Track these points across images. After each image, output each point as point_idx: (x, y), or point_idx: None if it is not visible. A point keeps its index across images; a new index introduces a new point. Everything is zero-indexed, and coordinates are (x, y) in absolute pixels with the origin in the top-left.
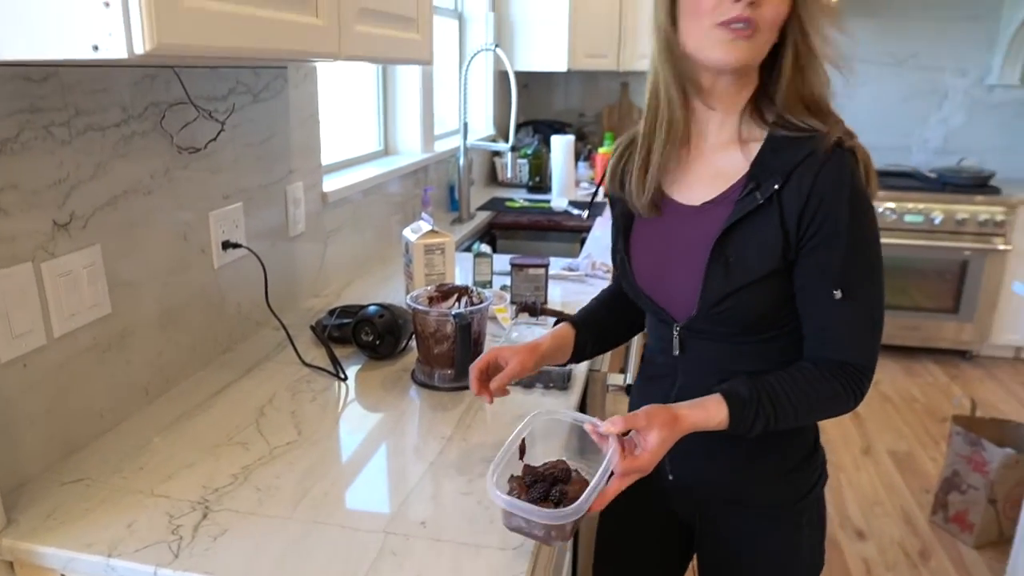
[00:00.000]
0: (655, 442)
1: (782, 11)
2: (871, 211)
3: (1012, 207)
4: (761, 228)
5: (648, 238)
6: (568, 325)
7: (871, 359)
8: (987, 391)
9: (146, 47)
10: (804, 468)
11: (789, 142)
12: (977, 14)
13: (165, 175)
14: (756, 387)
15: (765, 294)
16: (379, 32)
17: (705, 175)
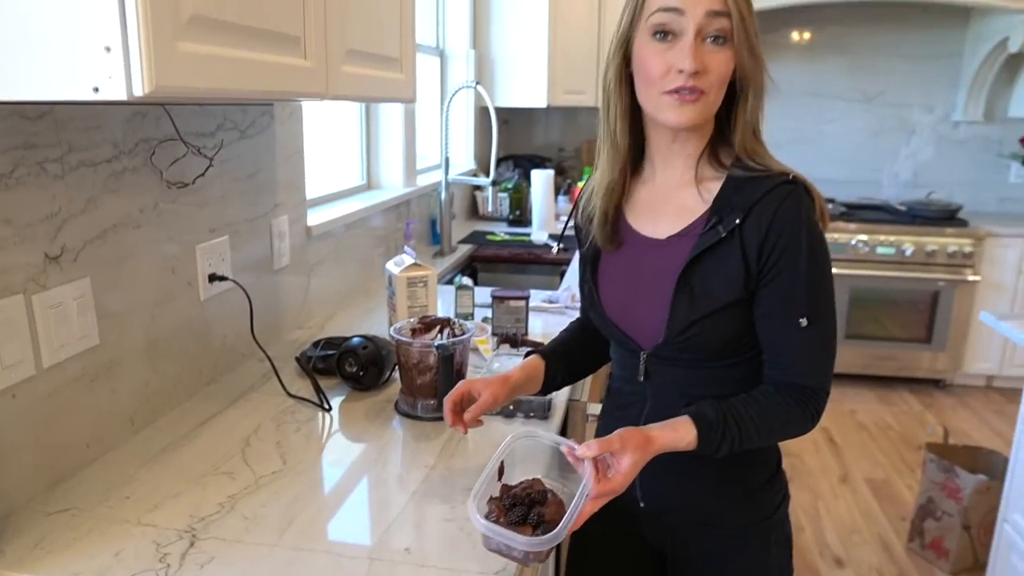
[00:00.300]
0: (628, 464)
1: (727, 70)
2: (824, 244)
3: (980, 239)
4: (723, 260)
5: (615, 270)
6: (538, 357)
7: (826, 383)
8: (960, 419)
9: (145, 89)
10: (769, 488)
11: (748, 181)
12: (942, 54)
13: (154, 209)
14: (722, 410)
15: (728, 322)
16: (365, 72)
17: (669, 211)
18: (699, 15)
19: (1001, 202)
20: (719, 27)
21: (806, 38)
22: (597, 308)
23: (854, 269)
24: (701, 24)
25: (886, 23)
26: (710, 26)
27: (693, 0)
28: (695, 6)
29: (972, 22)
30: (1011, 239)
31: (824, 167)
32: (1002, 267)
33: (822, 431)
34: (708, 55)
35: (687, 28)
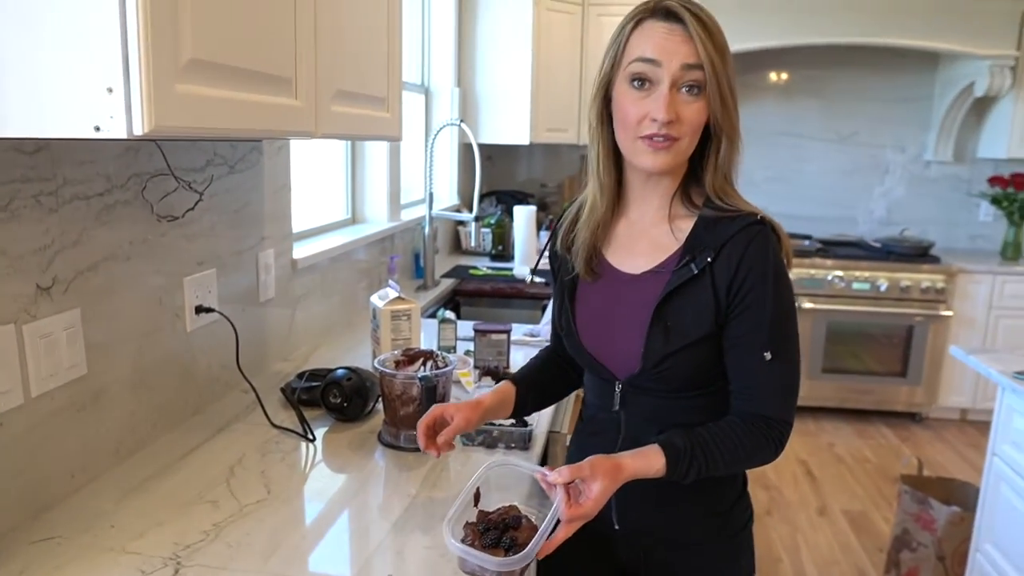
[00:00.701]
0: (598, 491)
1: (700, 119)
2: (789, 282)
3: (952, 275)
4: (695, 296)
5: (591, 301)
6: (509, 383)
7: (790, 414)
8: (936, 452)
9: (145, 129)
10: (736, 508)
11: (718, 220)
12: (912, 96)
13: (144, 242)
14: (690, 438)
15: (699, 355)
16: (352, 112)
17: (644, 247)
18: (674, 67)
19: (972, 239)
20: (693, 78)
21: (783, 79)
22: (573, 338)
23: (831, 304)
24: (676, 75)
25: (859, 67)
26: (684, 77)
27: (669, 53)
28: (671, 58)
29: (941, 67)
30: (982, 275)
31: (801, 205)
32: (974, 303)
33: (800, 464)
34: (682, 105)
35: (663, 78)
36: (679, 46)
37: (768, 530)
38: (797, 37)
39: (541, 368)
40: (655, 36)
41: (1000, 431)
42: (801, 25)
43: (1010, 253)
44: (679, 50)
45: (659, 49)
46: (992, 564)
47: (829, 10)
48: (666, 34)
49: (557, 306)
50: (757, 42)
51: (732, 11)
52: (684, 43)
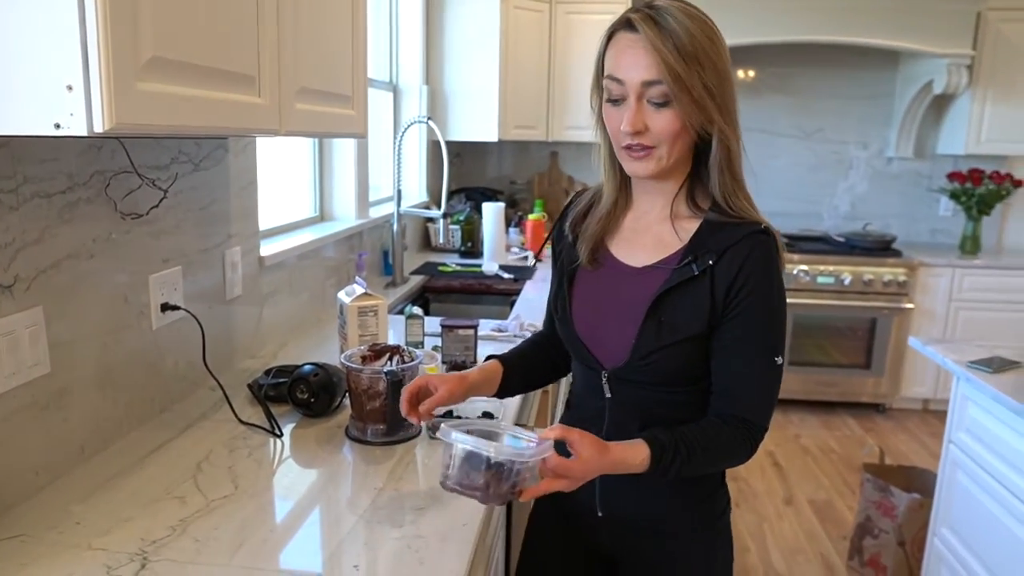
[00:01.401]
0: (587, 456)
1: (672, 127)
2: (784, 293)
3: (913, 269)
4: (692, 295)
5: (590, 289)
6: (496, 361)
7: (768, 419)
8: (899, 441)
9: (105, 126)
10: (715, 496)
11: (723, 225)
12: (874, 94)
13: (108, 240)
14: (675, 436)
15: (687, 352)
16: (317, 109)
17: (647, 243)
18: (636, 84)
19: (932, 233)
20: (657, 92)
21: (751, 76)
22: (567, 323)
23: (797, 298)
24: (639, 92)
25: (823, 65)
26: (648, 92)
27: (630, 69)
28: (631, 77)
29: (901, 65)
30: (942, 268)
31: (768, 200)
32: (934, 295)
33: (767, 455)
34: (650, 116)
35: (628, 94)
36: (640, 60)
37: (736, 520)
38: (763, 35)
39: (529, 352)
40: (620, 52)
41: (956, 419)
42: (767, 23)
43: (969, 247)
44: (639, 64)
45: (621, 67)
46: (948, 547)
47: (794, 9)
48: (628, 47)
49: (555, 290)
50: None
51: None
52: (645, 55)
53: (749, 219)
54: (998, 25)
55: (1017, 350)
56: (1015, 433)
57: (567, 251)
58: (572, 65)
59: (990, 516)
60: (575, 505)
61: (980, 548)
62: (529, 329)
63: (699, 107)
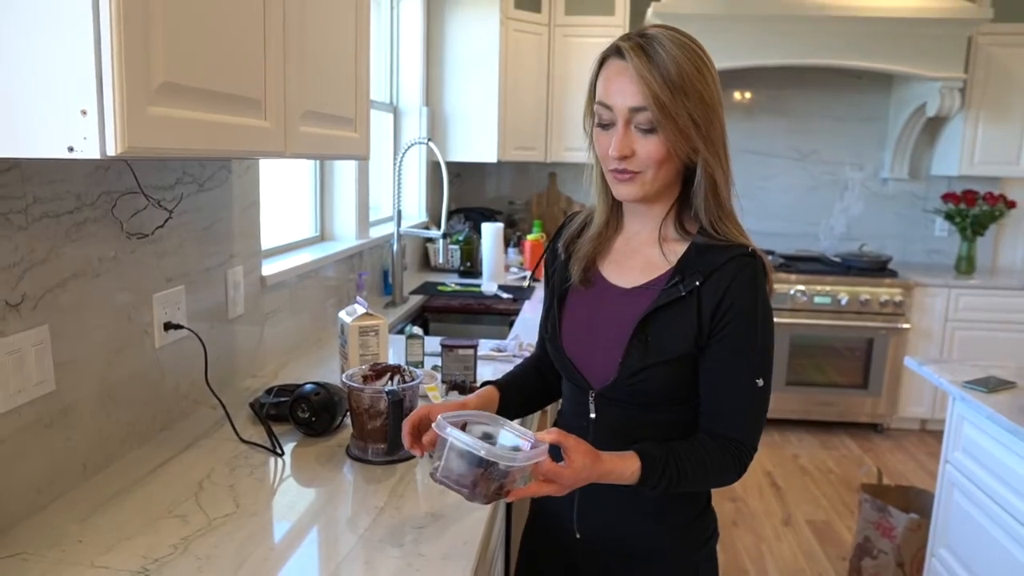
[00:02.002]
0: (579, 464)
1: (657, 153)
2: (771, 314)
3: (909, 289)
4: (679, 316)
5: (580, 309)
6: (493, 387)
7: (757, 439)
8: (897, 461)
9: (118, 150)
10: (698, 523)
11: (710, 248)
12: (869, 116)
13: (113, 259)
14: (666, 451)
15: (673, 372)
16: (321, 132)
17: (636, 264)
18: (623, 111)
19: (928, 254)
20: (643, 119)
21: (747, 98)
22: (556, 343)
23: (794, 318)
24: (626, 117)
25: (818, 87)
26: (635, 118)
27: (618, 96)
28: (619, 102)
29: (895, 88)
30: (938, 289)
31: (764, 221)
32: (931, 315)
33: (766, 475)
34: (637, 142)
35: (616, 119)
36: (627, 87)
37: (734, 541)
38: (760, 58)
39: (525, 375)
40: (609, 79)
41: (952, 439)
42: (764, 47)
43: (964, 267)
44: (627, 91)
45: (610, 93)
46: (946, 567)
47: (790, 33)
48: (616, 74)
49: (545, 310)
50: (722, 63)
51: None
52: (632, 83)
53: (736, 242)
54: (988, 49)
55: (1012, 370)
56: (1010, 453)
57: (559, 271)
58: (570, 87)
59: (987, 536)
60: (556, 528)
61: (977, 568)
62: (528, 349)
63: (684, 136)
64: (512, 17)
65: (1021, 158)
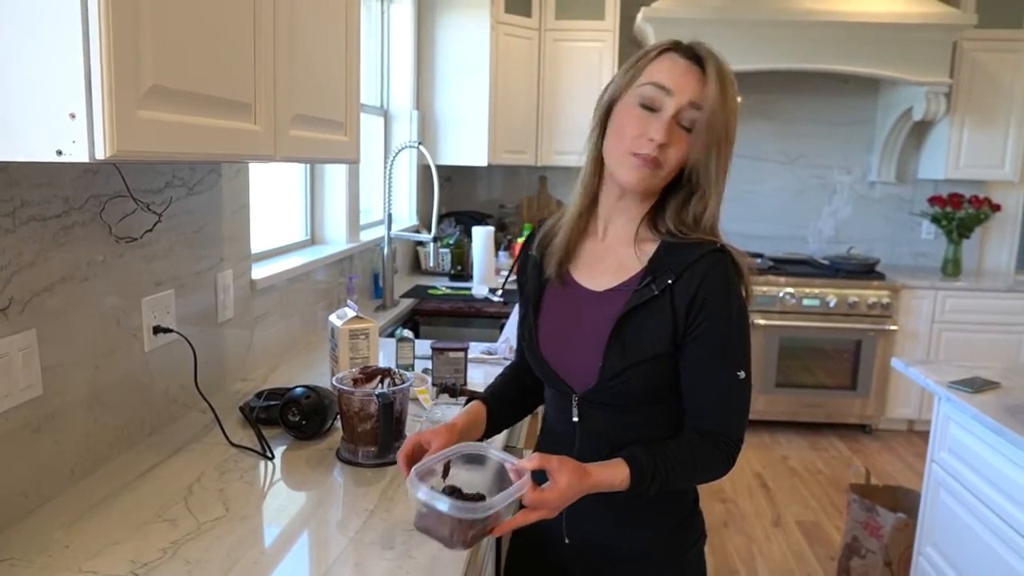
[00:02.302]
0: (564, 485)
1: (683, 156)
2: (745, 308)
3: (896, 291)
4: (654, 315)
5: (555, 315)
6: (479, 403)
7: (742, 431)
8: (885, 462)
9: (107, 153)
10: (686, 526)
11: (681, 246)
12: (856, 120)
13: (102, 263)
14: (653, 453)
15: (652, 372)
16: (311, 136)
17: (609, 266)
18: (683, 100)
19: (915, 257)
20: (692, 116)
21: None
22: (534, 350)
23: (783, 320)
24: (682, 108)
25: (806, 92)
26: (687, 113)
27: (683, 87)
28: (682, 92)
29: (882, 92)
30: (924, 291)
31: (754, 224)
32: (917, 317)
33: (756, 477)
34: (675, 135)
35: (669, 107)
36: (693, 83)
37: (724, 542)
38: (749, 63)
39: (507, 384)
40: (675, 68)
41: (938, 439)
42: (753, 51)
43: (950, 270)
44: (692, 87)
45: (674, 80)
46: (933, 566)
47: (779, 38)
48: (685, 70)
49: (521, 317)
50: None
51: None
52: (698, 82)
53: (707, 239)
54: (973, 55)
55: (997, 371)
56: (995, 452)
57: (533, 278)
58: (561, 91)
59: (972, 534)
60: (544, 532)
61: (963, 566)
62: None
63: (706, 147)
64: (502, 21)
65: (1005, 162)
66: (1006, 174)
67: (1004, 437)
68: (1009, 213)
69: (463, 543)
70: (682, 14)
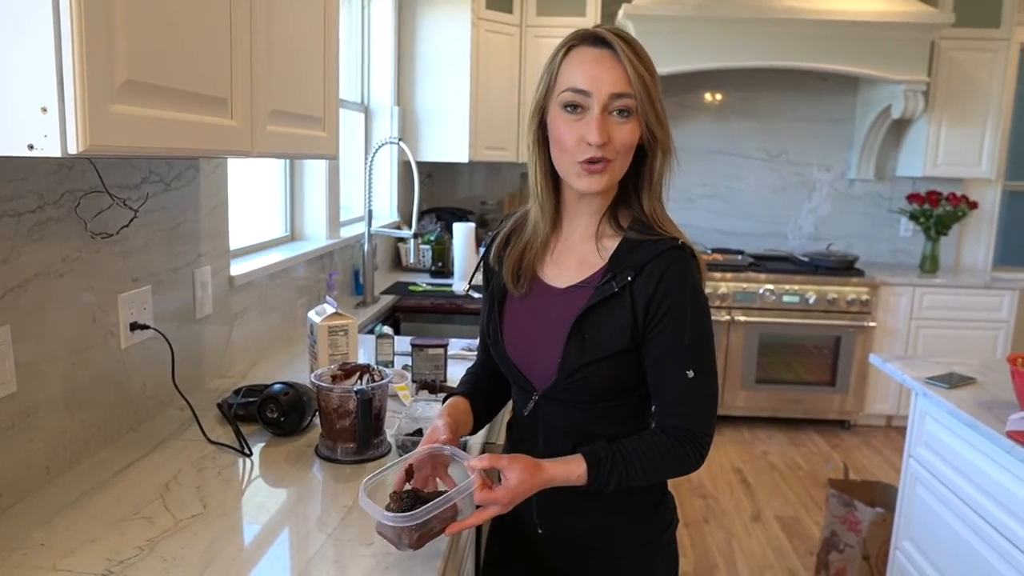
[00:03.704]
0: (514, 481)
1: (632, 139)
2: (706, 302)
3: (875, 287)
4: (614, 312)
5: (519, 313)
6: (460, 398)
7: (710, 427)
8: (863, 457)
9: (79, 148)
10: (657, 512)
11: (641, 243)
12: (836, 118)
13: (77, 259)
14: (612, 449)
15: (613, 368)
16: (288, 131)
17: (572, 263)
18: (603, 96)
19: (893, 254)
20: (623, 104)
21: (718, 100)
22: (499, 347)
23: (763, 317)
24: (606, 102)
25: (786, 89)
26: (614, 103)
27: (597, 84)
28: (599, 88)
29: (861, 90)
30: (902, 288)
31: (735, 221)
32: (896, 314)
33: (736, 472)
34: (613, 127)
35: (594, 106)
36: (608, 73)
37: (704, 537)
38: (730, 60)
39: (478, 381)
40: (585, 64)
41: (915, 434)
42: (733, 49)
43: (928, 266)
44: (608, 77)
45: (589, 79)
46: (910, 560)
47: (759, 36)
48: (595, 60)
49: (486, 316)
50: (692, 64)
51: (668, 34)
52: (614, 69)
53: (667, 236)
54: (950, 53)
55: (973, 366)
56: (970, 447)
57: (495, 278)
58: None
59: (948, 528)
60: (519, 523)
61: (939, 560)
62: None
63: (656, 120)
64: (483, 17)
65: (982, 160)
66: (983, 172)
67: (979, 432)
68: (986, 210)
69: (410, 544)
70: (662, 11)
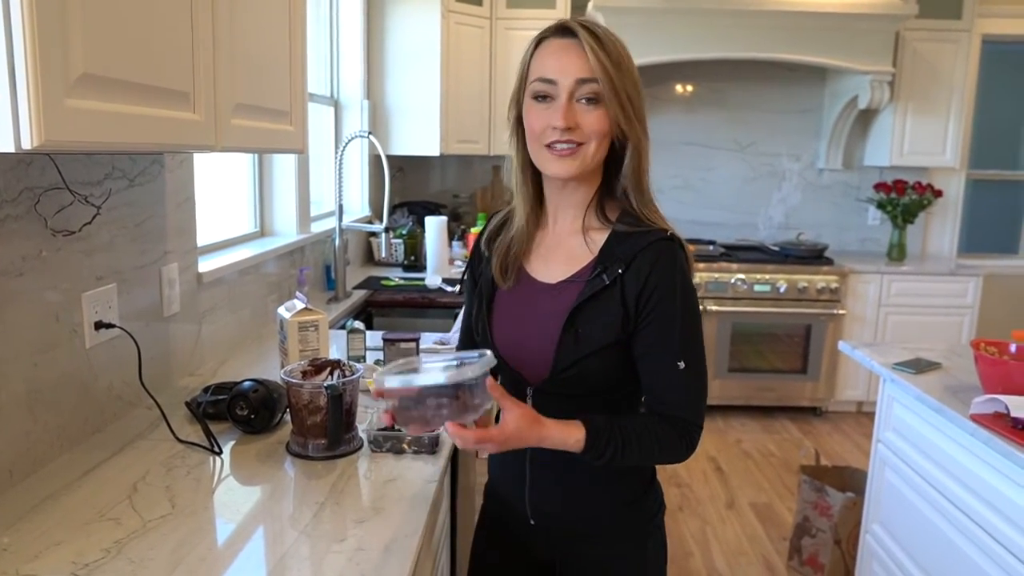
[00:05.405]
0: (511, 426)
1: (601, 125)
2: (695, 294)
3: (844, 276)
4: (606, 305)
5: (508, 309)
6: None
7: (700, 417)
8: (835, 443)
9: (33, 143)
10: (645, 499)
11: (630, 235)
12: (804, 108)
13: (38, 257)
14: (612, 421)
15: (607, 361)
16: (254, 125)
17: (560, 257)
18: (569, 83)
19: (862, 242)
20: (589, 90)
21: (688, 91)
22: (489, 343)
23: (735, 306)
24: (572, 89)
25: (756, 80)
26: (580, 90)
27: (563, 71)
28: (565, 76)
29: (828, 81)
30: (871, 275)
31: (706, 211)
32: (864, 301)
33: (710, 461)
34: (581, 113)
35: (560, 93)
36: (573, 61)
37: (680, 525)
38: (699, 51)
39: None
40: (552, 54)
41: (883, 419)
42: (703, 40)
43: (895, 254)
44: (573, 64)
45: (554, 68)
46: (879, 543)
47: (728, 27)
48: (561, 50)
49: (476, 311)
50: (662, 56)
51: (638, 26)
52: (578, 57)
53: (656, 227)
54: (915, 44)
55: (939, 352)
56: (936, 431)
57: (486, 271)
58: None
59: (916, 511)
60: (510, 515)
61: (908, 542)
62: None
63: (622, 109)
64: (453, 10)
65: (947, 149)
66: (947, 160)
67: (945, 416)
68: (951, 199)
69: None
70: (632, 3)
